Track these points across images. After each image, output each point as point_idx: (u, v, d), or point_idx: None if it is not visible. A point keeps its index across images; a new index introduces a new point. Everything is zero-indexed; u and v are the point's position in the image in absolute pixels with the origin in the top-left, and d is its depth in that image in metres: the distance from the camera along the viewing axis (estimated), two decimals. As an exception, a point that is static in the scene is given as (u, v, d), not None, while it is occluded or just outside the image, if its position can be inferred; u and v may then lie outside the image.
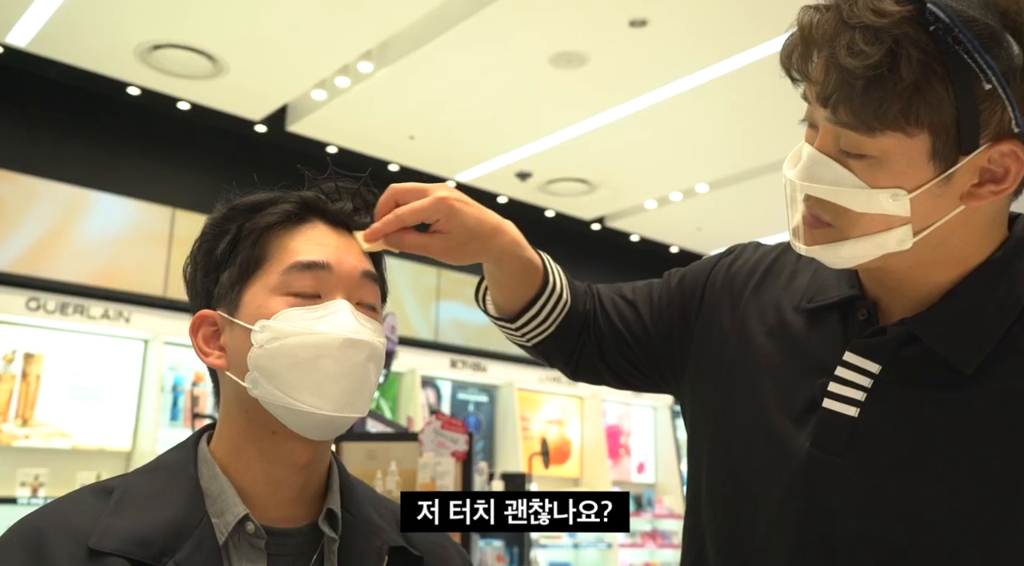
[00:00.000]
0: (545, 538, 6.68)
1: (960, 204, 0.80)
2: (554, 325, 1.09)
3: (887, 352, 0.87)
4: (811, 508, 0.88)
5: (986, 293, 0.84)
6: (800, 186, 0.84)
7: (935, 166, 0.78)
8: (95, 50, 5.08)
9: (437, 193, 0.94)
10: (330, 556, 0.91)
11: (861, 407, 0.87)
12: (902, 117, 0.75)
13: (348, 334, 0.88)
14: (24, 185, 5.21)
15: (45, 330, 5.11)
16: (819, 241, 0.85)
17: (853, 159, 0.80)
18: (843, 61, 0.75)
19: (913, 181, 0.79)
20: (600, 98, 5.48)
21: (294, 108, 6.04)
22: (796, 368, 0.93)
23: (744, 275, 1.04)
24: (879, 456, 0.85)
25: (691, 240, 8.48)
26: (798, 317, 0.96)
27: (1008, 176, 0.79)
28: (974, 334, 0.83)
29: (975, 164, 0.79)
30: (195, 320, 0.93)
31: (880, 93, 0.75)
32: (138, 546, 0.81)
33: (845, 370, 0.88)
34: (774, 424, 0.93)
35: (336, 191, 0.97)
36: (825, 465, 0.87)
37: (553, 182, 6.96)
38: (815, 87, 0.80)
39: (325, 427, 0.89)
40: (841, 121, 0.78)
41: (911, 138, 0.77)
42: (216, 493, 0.88)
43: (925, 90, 0.74)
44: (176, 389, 5.46)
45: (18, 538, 0.82)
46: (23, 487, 4.80)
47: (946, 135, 0.77)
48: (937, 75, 0.74)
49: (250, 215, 0.93)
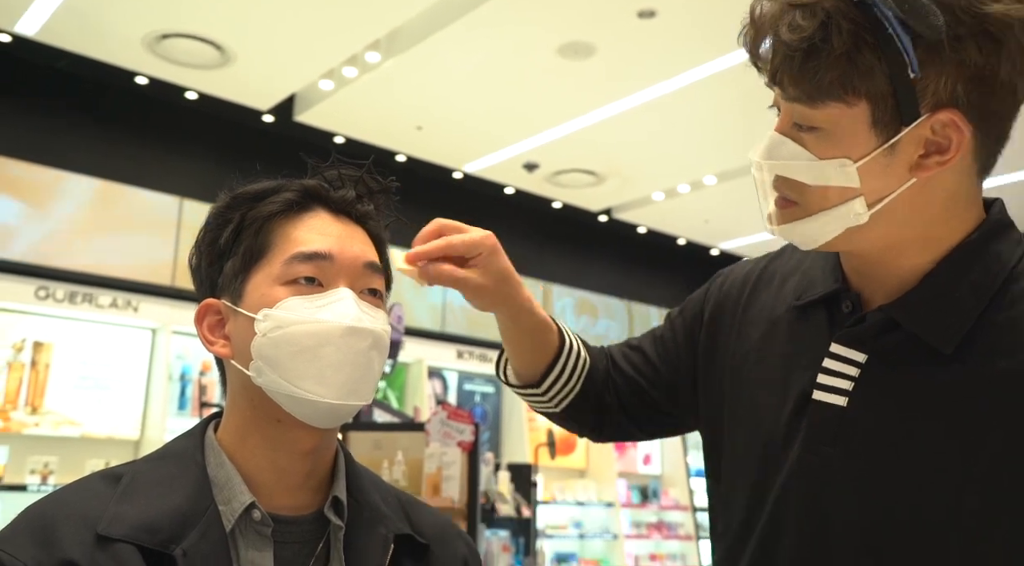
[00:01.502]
0: (551, 529, 6.70)
1: (910, 176, 0.83)
2: (578, 384, 1.11)
3: (870, 340, 0.89)
4: (809, 501, 0.89)
5: (962, 275, 0.85)
6: (759, 164, 0.89)
7: (877, 135, 0.82)
8: (103, 39, 5.08)
9: (483, 232, 1.00)
10: (336, 544, 0.91)
11: (849, 397, 0.88)
12: (838, 85, 0.80)
13: (350, 322, 0.88)
14: (32, 174, 5.23)
15: (54, 319, 5.13)
16: (787, 220, 0.89)
17: (805, 133, 0.85)
18: (784, 37, 0.81)
19: (858, 151, 0.82)
20: (608, 89, 5.46)
21: (302, 98, 6.04)
22: (789, 365, 0.95)
23: (736, 290, 1.07)
24: (867, 443, 0.87)
25: (698, 232, 8.46)
26: (789, 316, 0.98)
27: (951, 147, 0.81)
28: (951, 315, 0.84)
29: (918, 135, 0.81)
30: (200, 309, 0.94)
31: (815, 62, 0.80)
32: (146, 533, 0.82)
33: (832, 361, 0.90)
34: (771, 424, 0.94)
35: (339, 179, 0.97)
36: (818, 457, 0.89)
37: (560, 173, 6.95)
38: (767, 67, 0.85)
39: (329, 415, 0.89)
40: (789, 96, 0.84)
41: (851, 108, 0.81)
42: (223, 481, 0.89)
43: (857, 59, 0.79)
44: (184, 378, 5.49)
45: (27, 524, 0.83)
46: (33, 475, 4.83)
47: (884, 104, 0.80)
48: (868, 45, 0.79)
49: (253, 204, 0.93)
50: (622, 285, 8.58)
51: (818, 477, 0.89)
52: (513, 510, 4.38)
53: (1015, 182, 6.62)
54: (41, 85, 5.49)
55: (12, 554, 0.79)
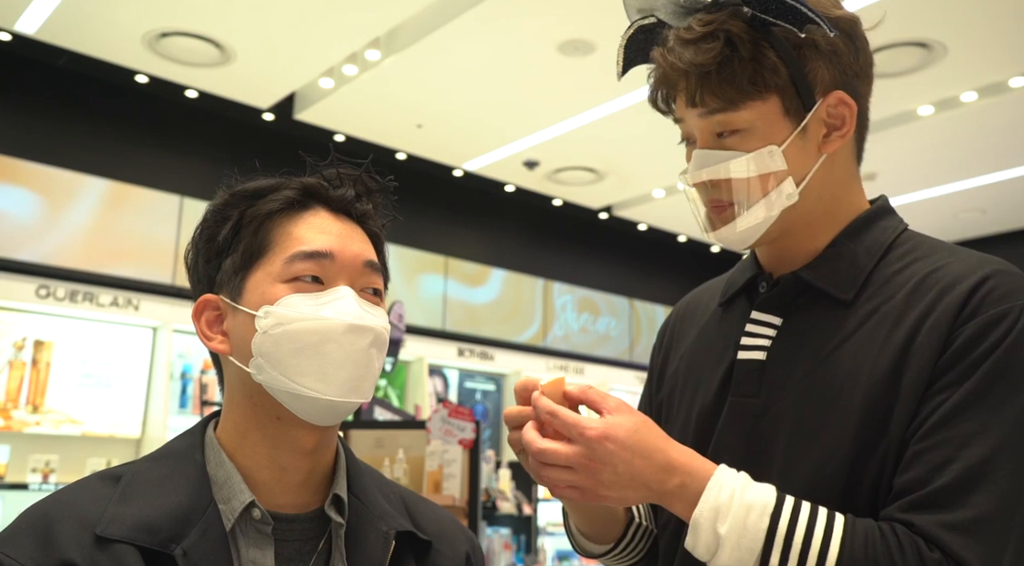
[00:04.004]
0: (552, 526, 6.71)
1: (821, 154, 1.00)
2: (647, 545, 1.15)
3: (786, 304, 1.03)
4: (743, 454, 0.98)
5: (856, 242, 1.02)
6: (695, 175, 1.03)
7: (790, 122, 0.98)
8: (103, 38, 5.08)
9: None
10: (337, 541, 0.91)
11: (768, 351, 1.02)
12: (752, 84, 0.96)
13: (352, 320, 0.88)
14: (31, 172, 5.23)
15: (55, 317, 5.13)
16: (726, 221, 1.02)
17: (728, 138, 0.99)
18: (697, 61, 0.96)
19: (779, 137, 0.98)
20: (608, 86, 5.45)
21: (301, 96, 6.04)
22: (718, 350, 1.08)
23: (672, 324, 1.24)
24: (781, 385, 0.98)
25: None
26: (717, 313, 1.14)
27: (846, 121, 1.00)
28: (849, 269, 1.00)
29: (819, 117, 0.99)
30: (198, 304, 0.94)
31: (730, 70, 0.96)
32: (145, 533, 0.82)
33: (753, 326, 1.05)
34: (705, 392, 1.07)
35: (338, 177, 0.97)
36: (744, 408, 1.01)
37: (561, 171, 6.94)
38: (683, 97, 1.00)
39: (329, 412, 0.89)
40: (711, 109, 0.98)
41: (765, 102, 0.97)
42: (222, 479, 0.89)
43: (762, 59, 0.96)
44: (185, 376, 5.49)
45: (28, 525, 0.83)
46: (34, 473, 4.84)
47: (789, 94, 0.97)
48: (766, 47, 0.96)
49: (252, 201, 0.94)
50: (623, 283, 8.58)
51: (747, 428, 1.00)
52: (514, 508, 4.38)
53: (1002, 181, 6.62)
54: (40, 84, 5.49)
55: (11, 556, 0.79)
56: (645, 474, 0.87)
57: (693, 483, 0.88)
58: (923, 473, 0.86)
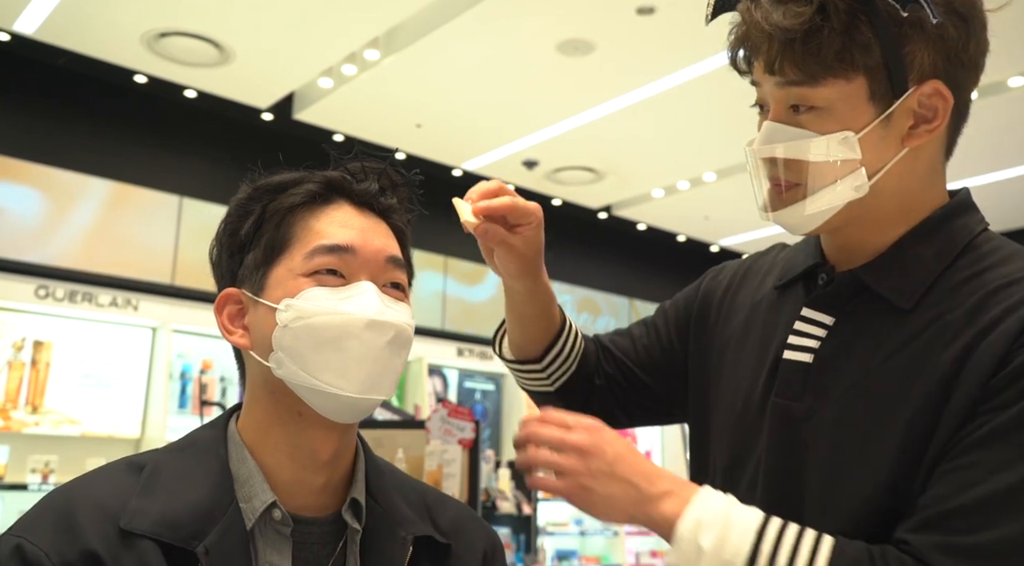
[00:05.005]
0: (552, 526, 6.70)
1: (903, 147, 0.90)
2: (575, 363, 1.18)
3: (840, 303, 0.95)
4: (784, 462, 0.93)
5: (927, 243, 0.93)
6: (760, 151, 0.93)
7: (874, 107, 0.88)
8: (102, 38, 5.07)
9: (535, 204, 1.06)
10: (352, 547, 0.90)
11: (815, 353, 0.95)
12: (838, 60, 0.86)
13: (373, 315, 0.87)
14: (30, 172, 5.22)
15: (54, 318, 5.12)
16: (786, 203, 0.93)
17: (803, 114, 0.90)
18: (783, 25, 0.86)
19: (858, 123, 0.88)
20: (607, 86, 5.45)
21: (301, 96, 6.03)
22: (768, 337, 1.01)
23: (725, 282, 1.15)
24: (826, 393, 0.92)
25: (698, 229, 8.45)
26: (770, 296, 1.05)
27: (937, 115, 0.90)
28: (912, 275, 0.91)
29: (908, 106, 0.89)
30: (220, 298, 0.92)
31: (817, 41, 0.86)
32: (168, 529, 0.81)
33: (802, 324, 0.97)
34: (750, 388, 1.00)
35: (362, 171, 0.96)
36: (787, 412, 0.94)
37: (560, 171, 6.94)
38: (762, 62, 0.91)
39: (350, 409, 0.88)
40: (789, 80, 0.89)
41: (850, 82, 0.87)
42: (244, 477, 0.87)
43: (854, 33, 0.86)
44: (184, 377, 5.48)
45: (51, 510, 0.81)
46: (33, 474, 4.83)
47: (879, 77, 0.87)
48: (862, 20, 0.85)
49: (274, 195, 0.92)
50: (622, 282, 8.57)
51: (788, 433, 0.94)
52: (514, 507, 4.38)
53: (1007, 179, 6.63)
54: (39, 84, 5.48)
55: (34, 542, 0.77)
56: (634, 473, 0.87)
57: (681, 491, 0.87)
58: (944, 491, 0.81)
